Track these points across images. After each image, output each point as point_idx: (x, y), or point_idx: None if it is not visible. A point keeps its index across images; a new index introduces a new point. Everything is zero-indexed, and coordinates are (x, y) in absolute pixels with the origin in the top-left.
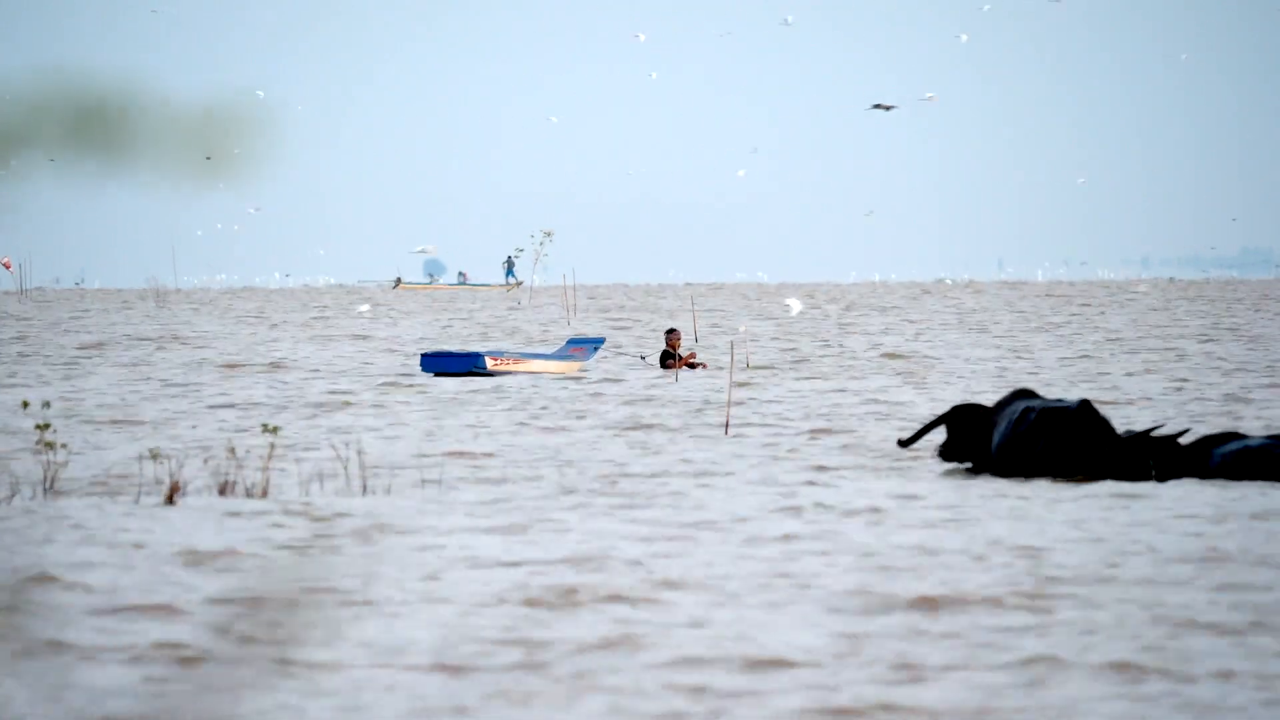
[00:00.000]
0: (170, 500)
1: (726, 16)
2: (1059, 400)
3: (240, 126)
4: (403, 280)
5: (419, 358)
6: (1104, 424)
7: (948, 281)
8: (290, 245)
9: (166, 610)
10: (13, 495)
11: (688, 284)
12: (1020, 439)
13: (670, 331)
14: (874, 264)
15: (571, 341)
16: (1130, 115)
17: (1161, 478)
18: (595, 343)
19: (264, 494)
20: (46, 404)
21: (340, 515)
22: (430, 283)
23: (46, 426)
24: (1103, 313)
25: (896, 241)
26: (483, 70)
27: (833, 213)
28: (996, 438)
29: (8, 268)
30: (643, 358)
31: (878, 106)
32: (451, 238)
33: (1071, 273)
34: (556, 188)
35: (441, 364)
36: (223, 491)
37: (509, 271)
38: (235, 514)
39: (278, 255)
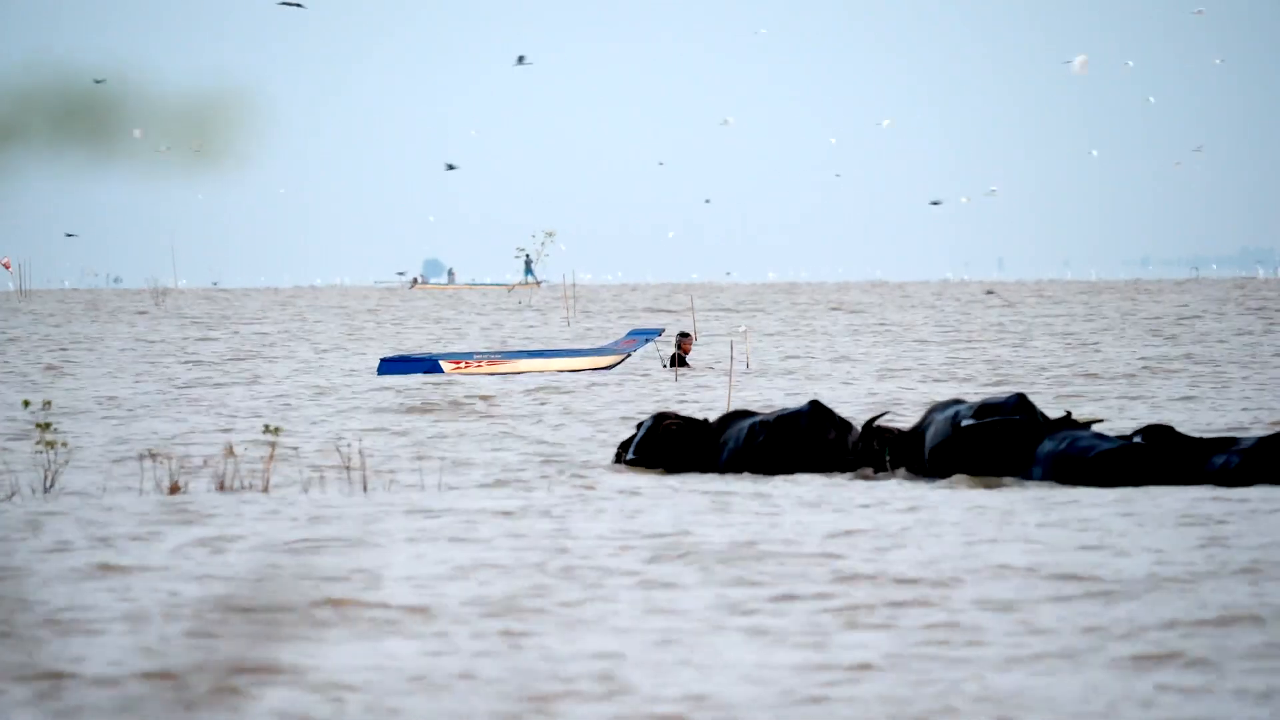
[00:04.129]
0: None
1: (727, 19)
2: (784, 409)
3: (234, 119)
4: (418, 280)
5: (378, 362)
6: (836, 421)
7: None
8: (292, 245)
9: (165, 610)
10: (12, 494)
11: (692, 284)
12: (753, 446)
13: (684, 335)
14: (874, 263)
15: (631, 333)
16: (1130, 115)
17: (894, 466)
18: (650, 334)
19: (265, 492)
20: (47, 403)
21: (339, 516)
22: (425, 281)
23: (48, 426)
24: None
25: (896, 241)
26: (481, 68)
27: (834, 212)
28: (725, 453)
29: (7, 268)
30: (660, 352)
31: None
32: (451, 237)
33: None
34: (556, 187)
35: (399, 368)
36: (222, 489)
37: (528, 270)
38: (235, 514)
39: (280, 255)
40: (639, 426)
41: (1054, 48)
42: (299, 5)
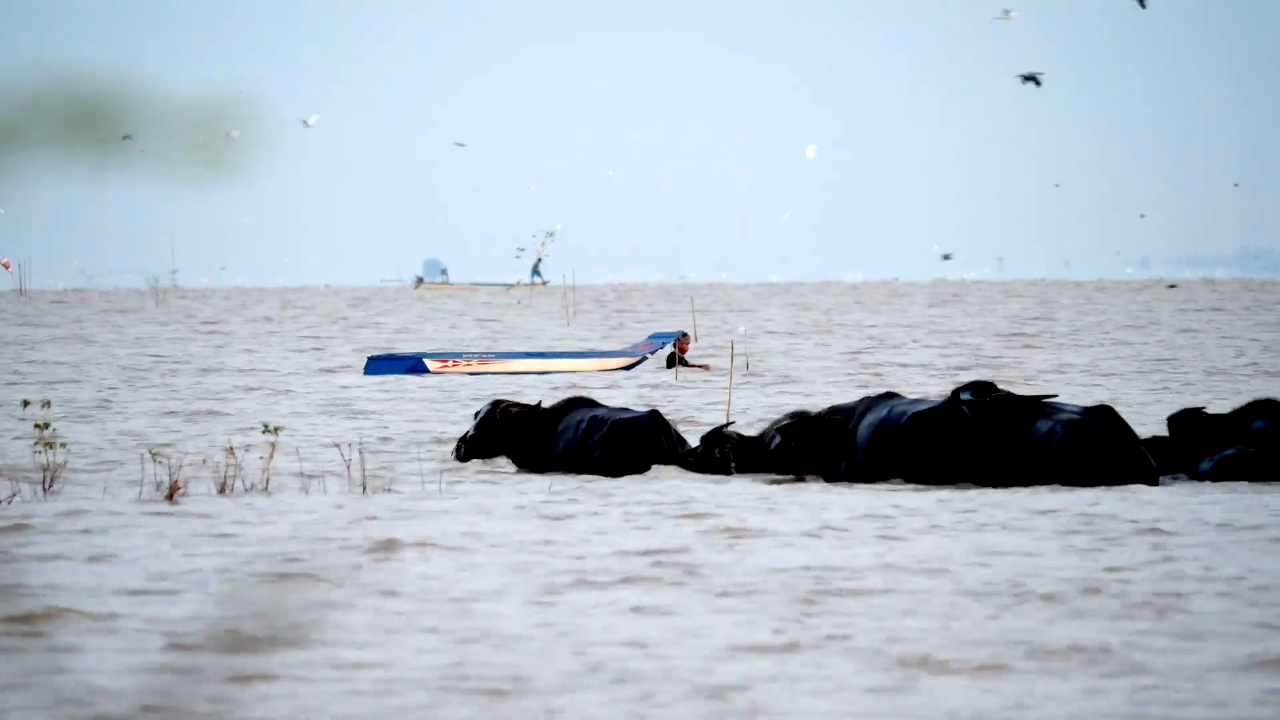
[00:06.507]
0: (170, 499)
1: (724, 18)
2: (625, 409)
3: (238, 122)
4: (421, 279)
5: (365, 361)
6: (669, 430)
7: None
8: (294, 244)
9: (164, 611)
10: (13, 495)
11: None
12: (588, 446)
13: (681, 334)
14: (875, 263)
15: (652, 336)
16: (1131, 115)
17: (741, 469)
18: (668, 337)
19: (265, 491)
20: (46, 403)
21: (339, 516)
22: (422, 281)
23: (46, 426)
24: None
25: (896, 240)
26: (479, 67)
27: (833, 211)
28: (561, 444)
29: (7, 268)
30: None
31: (1028, 79)
32: (451, 237)
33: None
34: (556, 187)
35: (385, 367)
36: (222, 491)
37: (535, 270)
38: (235, 514)
39: (281, 255)
40: (476, 415)
41: (1055, 48)
42: (1037, 82)
